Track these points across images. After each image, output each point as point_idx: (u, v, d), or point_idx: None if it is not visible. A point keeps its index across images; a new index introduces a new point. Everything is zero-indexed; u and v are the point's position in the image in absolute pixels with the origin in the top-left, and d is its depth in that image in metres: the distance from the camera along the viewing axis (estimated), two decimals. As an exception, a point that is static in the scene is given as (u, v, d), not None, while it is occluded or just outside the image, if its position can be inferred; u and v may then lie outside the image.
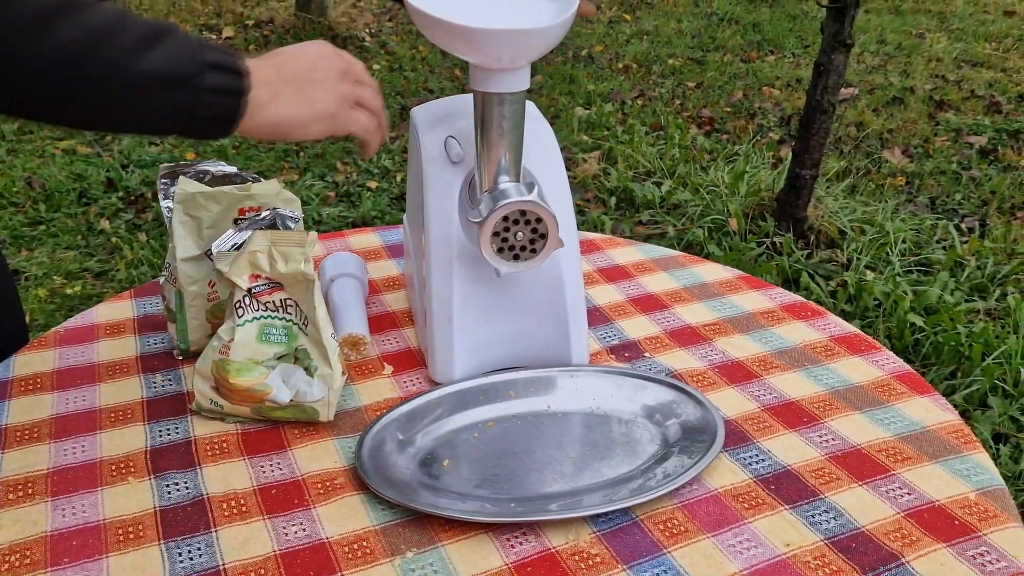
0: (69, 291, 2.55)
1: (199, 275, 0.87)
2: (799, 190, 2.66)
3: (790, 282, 2.50)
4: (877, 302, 2.36)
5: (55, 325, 2.39)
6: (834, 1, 2.46)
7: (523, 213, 0.78)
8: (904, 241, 2.68)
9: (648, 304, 1.01)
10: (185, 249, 0.86)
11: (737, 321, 0.98)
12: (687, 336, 0.95)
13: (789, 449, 0.77)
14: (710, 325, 0.97)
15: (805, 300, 1.02)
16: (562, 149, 3.81)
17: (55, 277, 2.63)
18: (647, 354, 0.92)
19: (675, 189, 3.07)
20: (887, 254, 2.61)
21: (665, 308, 1.00)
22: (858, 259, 2.57)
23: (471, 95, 0.80)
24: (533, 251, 0.80)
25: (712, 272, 1.09)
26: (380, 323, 0.97)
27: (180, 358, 0.90)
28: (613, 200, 3.06)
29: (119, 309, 0.99)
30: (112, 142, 3.69)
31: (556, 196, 0.85)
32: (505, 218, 0.78)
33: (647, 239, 2.75)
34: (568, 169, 3.33)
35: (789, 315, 0.99)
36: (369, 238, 1.17)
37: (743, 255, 2.54)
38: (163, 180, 0.91)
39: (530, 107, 0.92)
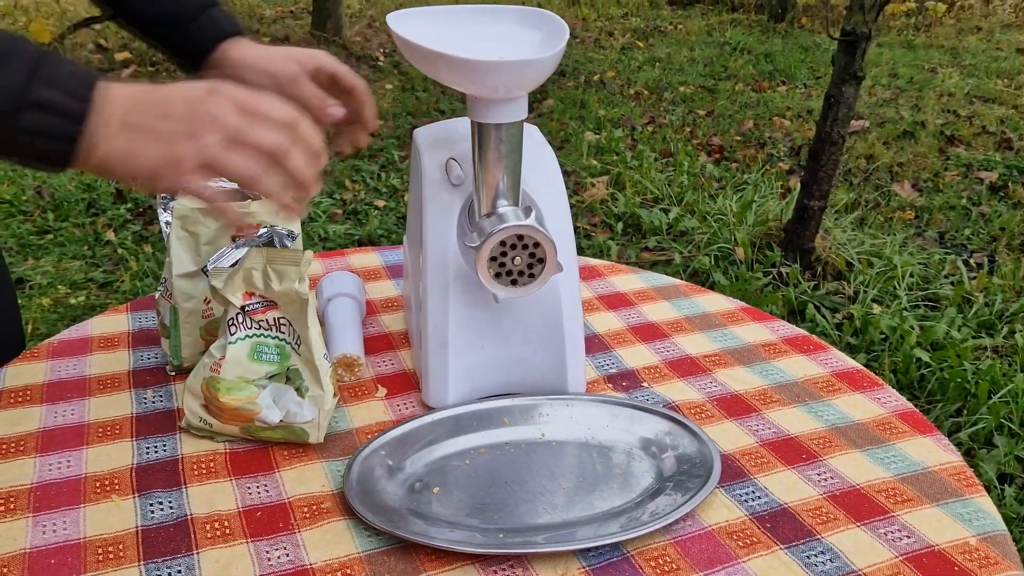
0: (73, 301, 2.55)
1: (195, 291, 0.86)
2: (807, 221, 2.65)
3: (796, 313, 2.48)
4: (883, 336, 2.34)
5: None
6: (845, 34, 2.46)
7: (520, 237, 0.77)
8: (912, 275, 2.66)
9: (648, 333, 1.00)
10: (181, 265, 0.85)
11: (738, 353, 0.96)
12: (686, 367, 0.94)
13: (786, 486, 0.76)
14: (710, 356, 0.96)
15: (808, 333, 1.01)
16: (571, 173, 3.81)
17: (59, 287, 2.63)
18: (645, 384, 0.90)
19: (682, 216, 3.07)
20: (894, 288, 2.60)
21: (665, 337, 0.99)
22: (865, 292, 2.55)
23: (473, 118, 0.79)
24: (531, 276, 0.79)
25: (714, 302, 1.07)
26: (376, 344, 0.96)
27: (172, 374, 0.89)
28: (620, 225, 3.06)
29: (114, 322, 0.98)
30: (123, 154, 3.71)
31: (556, 221, 0.84)
32: (502, 242, 0.77)
33: (653, 266, 2.74)
34: (576, 193, 3.33)
35: (791, 348, 0.97)
36: (370, 257, 1.16)
37: (749, 285, 2.53)
38: (163, 195, 0.90)
39: (533, 131, 0.91)
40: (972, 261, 2.88)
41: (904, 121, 4.34)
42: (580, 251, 2.96)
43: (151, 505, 0.72)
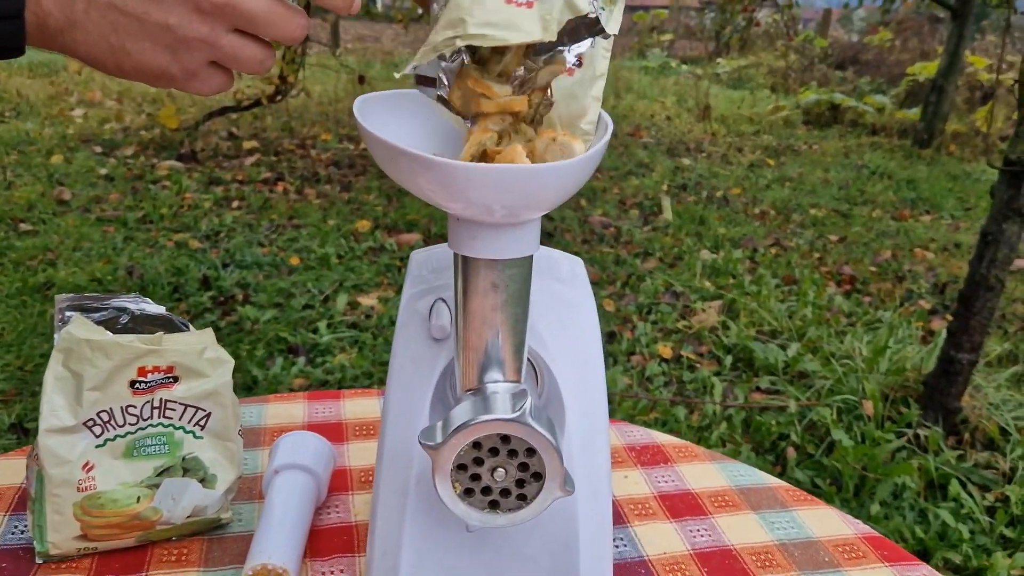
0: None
1: (70, 454, 0.62)
2: (953, 376, 2.23)
3: (935, 487, 2.06)
4: (1049, 531, 1.89)
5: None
6: (1009, 163, 2.10)
7: (506, 440, 0.49)
8: (1086, 454, 2.19)
9: (722, 567, 0.69)
10: (55, 416, 0.61)
11: (855, 620, 0.64)
12: (773, 636, 0.62)
13: None
14: (812, 621, 0.64)
15: (967, 595, 0.67)
16: (680, 295, 3.46)
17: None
18: (704, 663, 0.59)
19: (803, 355, 2.69)
20: (1062, 468, 2.13)
21: (746, 577, 0.68)
22: (1025, 470, 2.10)
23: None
24: (521, 497, 0.51)
25: (825, 524, 0.75)
26: (330, 541, 0.69)
27: (39, 562, 0.64)
28: (729, 359, 2.71)
29: (7, 470, 0.75)
30: (223, 239, 3.67)
31: (583, 402, 0.56)
32: (476, 444, 0.49)
33: (763, 411, 2.37)
34: (684, 318, 3.01)
35: (940, 622, 0.64)
36: (370, 404, 0.90)
37: (878, 448, 2.13)
38: (62, 317, 0.68)
39: (576, 265, 0.65)
40: None
41: (1071, 264, 3.82)
42: (680, 385, 2.62)
43: None
